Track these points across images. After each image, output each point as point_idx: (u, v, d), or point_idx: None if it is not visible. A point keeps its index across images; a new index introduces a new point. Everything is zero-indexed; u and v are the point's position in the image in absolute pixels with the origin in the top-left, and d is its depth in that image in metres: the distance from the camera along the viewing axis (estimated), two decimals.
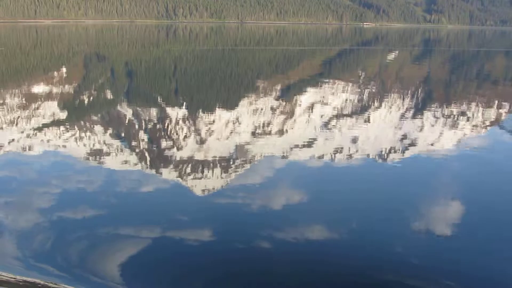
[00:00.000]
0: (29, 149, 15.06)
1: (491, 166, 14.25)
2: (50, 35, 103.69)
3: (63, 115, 20.56)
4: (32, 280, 7.50)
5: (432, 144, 16.54)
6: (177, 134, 17.65)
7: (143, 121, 19.40)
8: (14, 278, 7.43)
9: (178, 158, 14.39)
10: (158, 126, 18.87)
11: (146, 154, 15.05)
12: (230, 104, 23.63)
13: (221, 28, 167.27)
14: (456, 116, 21.07)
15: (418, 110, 22.80)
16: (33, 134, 16.87)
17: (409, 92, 29.33)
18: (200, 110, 21.87)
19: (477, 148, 16.42)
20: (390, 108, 23.06)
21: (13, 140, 16.04)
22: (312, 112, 21.73)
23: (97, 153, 14.85)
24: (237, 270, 8.12)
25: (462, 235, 9.53)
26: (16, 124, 18.25)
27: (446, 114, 21.56)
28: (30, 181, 12.27)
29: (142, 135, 17.43)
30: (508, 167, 14.34)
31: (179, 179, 12.61)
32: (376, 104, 24.32)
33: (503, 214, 10.59)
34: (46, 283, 7.47)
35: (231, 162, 14.13)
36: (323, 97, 26.00)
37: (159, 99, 25.60)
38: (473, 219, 10.27)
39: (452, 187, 12.28)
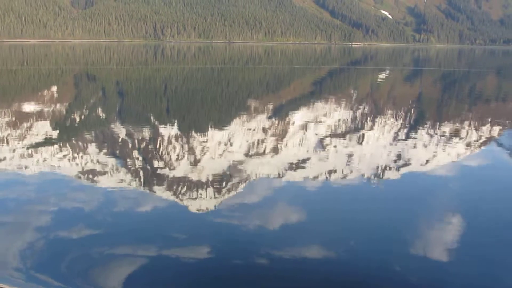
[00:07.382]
0: (22, 168, 14.87)
1: (486, 184, 14.33)
2: (37, 54, 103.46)
3: (55, 134, 20.35)
4: None
5: (426, 163, 16.55)
6: (170, 154, 17.52)
7: (136, 141, 19.24)
8: None
9: (172, 178, 14.29)
10: (150, 146, 18.72)
11: (141, 174, 14.89)
12: (222, 123, 23.55)
13: (209, 47, 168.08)
14: (449, 134, 21.15)
15: (412, 129, 22.87)
16: (26, 153, 16.67)
17: (402, 111, 29.48)
18: (193, 130, 21.78)
19: (472, 166, 16.53)
20: (384, 127, 23.09)
21: (4, 158, 15.85)
22: (305, 131, 21.70)
23: (90, 173, 14.69)
24: None
25: (460, 255, 9.53)
26: (7, 143, 18.02)
27: (439, 133, 21.63)
28: (24, 200, 12.12)
29: (136, 155, 17.28)
30: (504, 184, 14.41)
31: (174, 198, 12.56)
32: (369, 123, 24.36)
33: (500, 232, 10.62)
34: None
35: (225, 182, 14.02)
36: (316, 116, 26.02)
37: (151, 118, 25.49)
38: (471, 238, 10.26)
39: (448, 205, 12.31)
